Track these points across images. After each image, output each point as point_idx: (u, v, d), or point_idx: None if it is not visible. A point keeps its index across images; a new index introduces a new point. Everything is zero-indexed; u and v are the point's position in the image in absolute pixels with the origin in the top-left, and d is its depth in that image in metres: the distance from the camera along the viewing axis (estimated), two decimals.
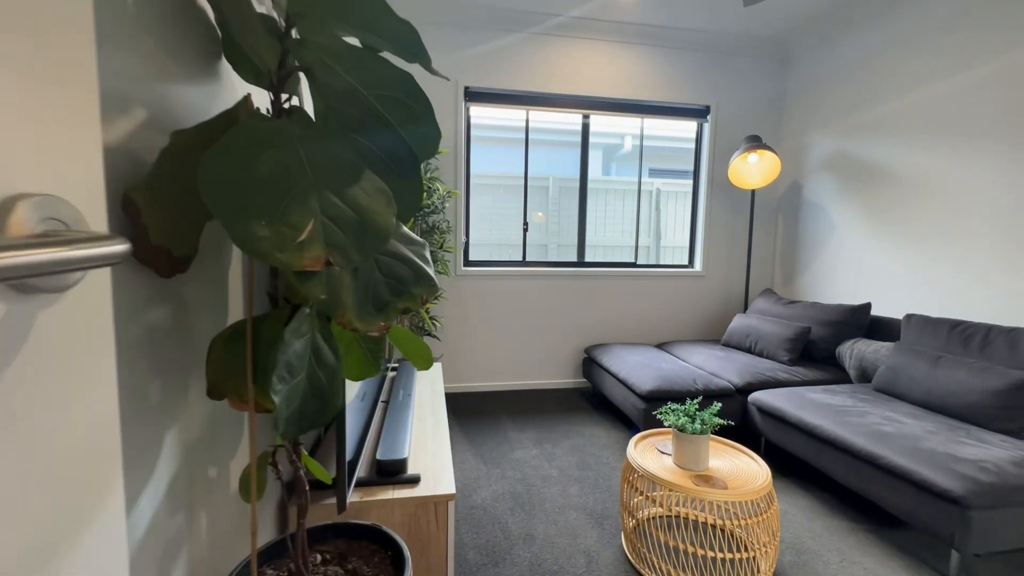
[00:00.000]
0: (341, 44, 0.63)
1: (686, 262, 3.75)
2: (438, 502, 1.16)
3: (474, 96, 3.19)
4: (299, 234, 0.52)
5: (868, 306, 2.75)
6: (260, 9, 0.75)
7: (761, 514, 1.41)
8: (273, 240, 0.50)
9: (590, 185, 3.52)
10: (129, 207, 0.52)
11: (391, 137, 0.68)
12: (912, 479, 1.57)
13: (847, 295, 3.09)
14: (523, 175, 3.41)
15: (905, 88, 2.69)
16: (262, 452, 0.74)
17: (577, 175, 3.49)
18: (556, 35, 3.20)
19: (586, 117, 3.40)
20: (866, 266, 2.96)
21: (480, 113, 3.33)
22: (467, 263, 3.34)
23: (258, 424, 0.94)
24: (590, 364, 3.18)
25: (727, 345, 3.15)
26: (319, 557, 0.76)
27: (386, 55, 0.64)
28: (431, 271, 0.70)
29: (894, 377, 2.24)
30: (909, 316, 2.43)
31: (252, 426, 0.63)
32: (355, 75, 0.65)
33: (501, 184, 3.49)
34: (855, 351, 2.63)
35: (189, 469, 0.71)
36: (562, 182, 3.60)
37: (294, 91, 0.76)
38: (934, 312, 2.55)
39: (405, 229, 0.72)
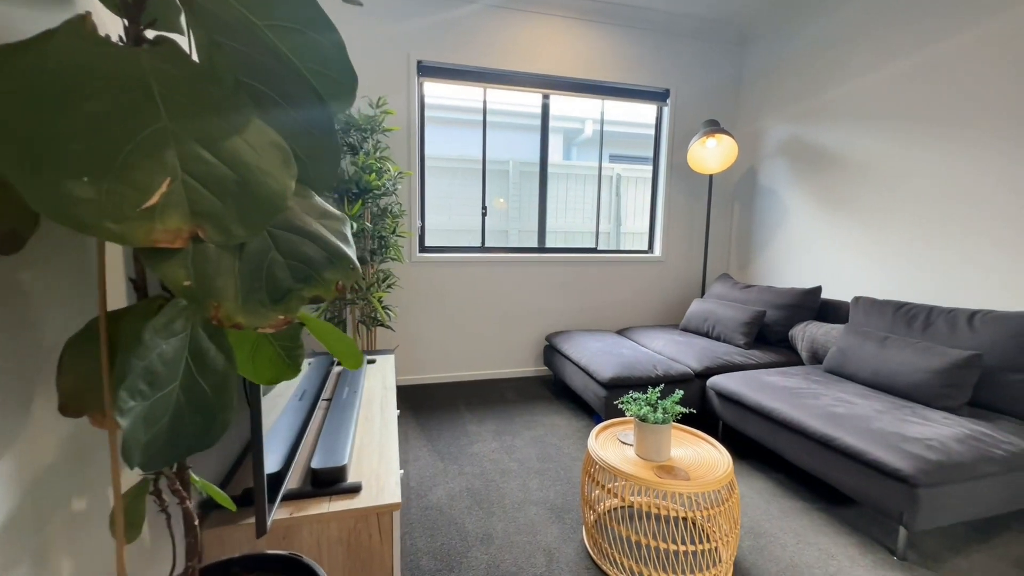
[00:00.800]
0: None
1: (646, 248, 3.74)
2: (381, 513, 1.04)
3: (428, 71, 3.00)
4: (146, 197, 0.38)
5: (819, 289, 2.82)
6: None
7: (723, 503, 1.38)
8: (102, 204, 0.36)
9: (550, 170, 3.41)
10: None
11: (294, 81, 0.54)
12: (864, 459, 1.59)
13: (799, 279, 3.16)
14: (481, 158, 3.26)
15: (855, 74, 2.74)
16: (141, 480, 0.59)
17: (537, 159, 3.38)
18: (514, 9, 3.04)
19: (546, 98, 3.28)
20: (817, 250, 3.03)
21: (435, 92, 3.14)
22: (423, 249, 3.18)
23: None
24: (551, 352, 3.12)
25: (686, 330, 3.17)
26: None
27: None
28: (351, 252, 0.57)
29: (844, 358, 2.29)
30: (857, 299, 2.50)
31: (112, 450, 0.49)
32: None
33: (459, 167, 3.33)
34: (807, 333, 2.69)
35: (37, 504, 0.55)
36: (522, 166, 3.48)
37: (173, 27, 0.61)
38: (880, 294, 2.63)
39: (318, 199, 0.59)
